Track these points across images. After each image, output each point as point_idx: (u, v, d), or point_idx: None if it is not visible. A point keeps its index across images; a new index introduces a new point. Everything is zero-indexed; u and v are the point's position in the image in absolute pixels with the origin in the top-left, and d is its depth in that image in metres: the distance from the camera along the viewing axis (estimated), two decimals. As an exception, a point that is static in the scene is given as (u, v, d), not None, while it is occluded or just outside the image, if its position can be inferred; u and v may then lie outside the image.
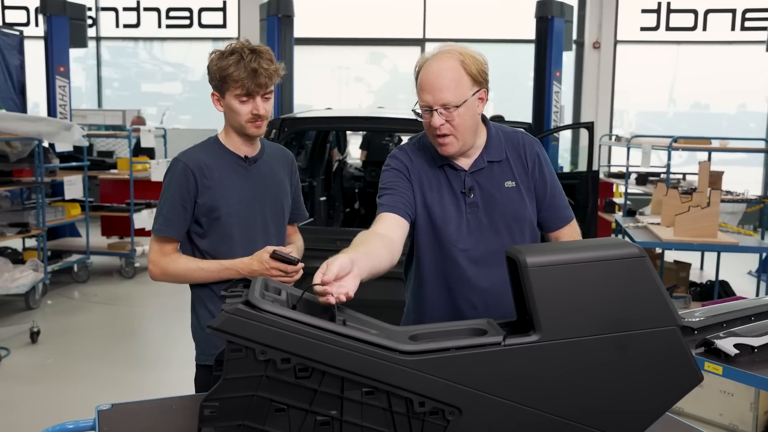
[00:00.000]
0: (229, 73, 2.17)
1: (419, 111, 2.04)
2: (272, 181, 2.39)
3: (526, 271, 1.48)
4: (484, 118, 2.17)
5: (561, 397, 1.49)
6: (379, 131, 7.35)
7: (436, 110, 1.98)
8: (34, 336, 5.39)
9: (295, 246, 2.51)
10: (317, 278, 1.51)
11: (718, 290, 5.94)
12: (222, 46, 2.29)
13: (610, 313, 1.50)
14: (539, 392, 1.49)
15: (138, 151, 8.53)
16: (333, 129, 5.94)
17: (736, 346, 2.17)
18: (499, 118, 8.43)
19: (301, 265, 2.19)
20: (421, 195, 2.12)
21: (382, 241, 1.92)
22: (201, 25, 12.40)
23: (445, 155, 2.08)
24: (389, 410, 1.46)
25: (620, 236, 6.45)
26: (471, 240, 2.10)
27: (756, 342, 2.22)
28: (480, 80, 2.02)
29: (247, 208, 2.32)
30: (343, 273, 1.54)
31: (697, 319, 2.42)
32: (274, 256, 2.15)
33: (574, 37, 11.42)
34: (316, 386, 1.43)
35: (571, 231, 2.23)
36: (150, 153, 8.79)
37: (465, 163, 2.12)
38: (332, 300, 1.47)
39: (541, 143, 2.28)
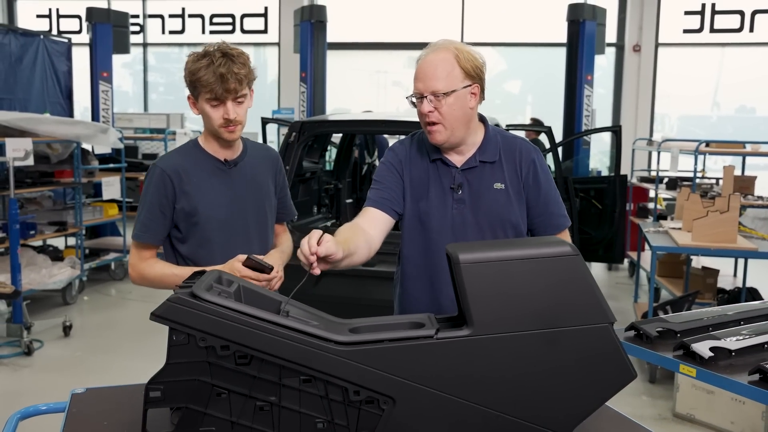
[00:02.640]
0: (199, 78, 2.15)
1: (413, 100, 2.13)
2: (253, 184, 2.38)
3: (458, 267, 1.54)
4: (483, 118, 2.24)
5: (493, 390, 1.54)
6: (399, 134, 7.43)
7: (426, 97, 2.08)
8: (67, 330, 5.64)
9: (279, 249, 2.50)
10: (305, 247, 1.72)
11: (746, 297, 5.83)
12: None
13: (542, 310, 1.54)
14: (471, 385, 1.54)
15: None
16: (351, 132, 6.04)
17: (712, 349, 2.18)
18: (537, 122, 8.40)
19: (276, 273, 2.17)
20: (410, 188, 2.20)
21: (364, 236, 2.06)
22: (243, 31, 12.68)
23: (433, 143, 2.16)
24: (326, 398, 1.53)
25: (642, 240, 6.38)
26: (454, 235, 2.16)
27: (734, 345, 2.22)
28: (473, 75, 2.09)
29: (227, 212, 2.31)
30: (328, 255, 1.76)
31: (681, 322, 2.45)
32: (248, 263, 2.12)
33: (614, 40, 11.31)
34: (255, 373, 1.51)
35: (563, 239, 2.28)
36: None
37: (458, 160, 2.19)
38: (317, 271, 1.74)
39: (570, 146, 2.34)
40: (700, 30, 11.49)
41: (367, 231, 2.09)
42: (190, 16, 12.89)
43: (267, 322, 1.49)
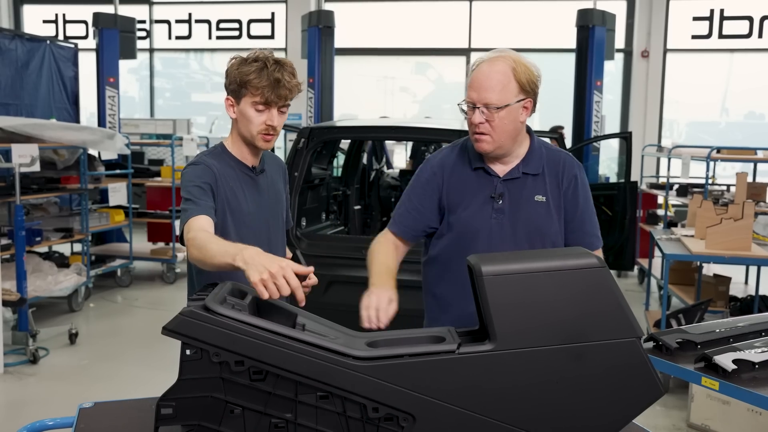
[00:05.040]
0: (250, 79, 2.12)
1: (464, 107, 2.15)
2: (273, 191, 2.37)
3: (481, 279, 1.49)
4: (529, 130, 2.24)
5: (516, 407, 1.49)
6: (406, 140, 7.41)
7: (478, 108, 2.08)
8: (72, 337, 5.59)
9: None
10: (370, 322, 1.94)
11: (759, 305, 5.75)
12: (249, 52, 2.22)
13: (567, 324, 1.49)
14: (494, 401, 1.49)
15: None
16: (361, 138, 5.99)
17: (735, 361, 2.12)
18: (556, 129, 8.33)
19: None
20: (447, 196, 2.23)
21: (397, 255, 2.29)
22: (250, 37, 12.64)
23: (479, 152, 2.17)
24: (344, 415, 1.48)
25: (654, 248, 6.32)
26: (490, 244, 2.16)
27: (757, 358, 2.16)
28: (527, 89, 2.10)
29: (256, 220, 2.28)
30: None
31: (701, 333, 2.39)
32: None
33: (622, 45, 11.24)
34: (270, 389, 1.46)
35: None
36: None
37: (500, 170, 2.20)
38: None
39: (580, 153, 2.36)
40: (709, 36, 11.42)
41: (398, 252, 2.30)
42: (197, 21, 12.86)
43: (283, 336, 1.45)
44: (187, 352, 1.45)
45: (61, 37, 12.86)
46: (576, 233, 2.21)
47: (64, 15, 13.33)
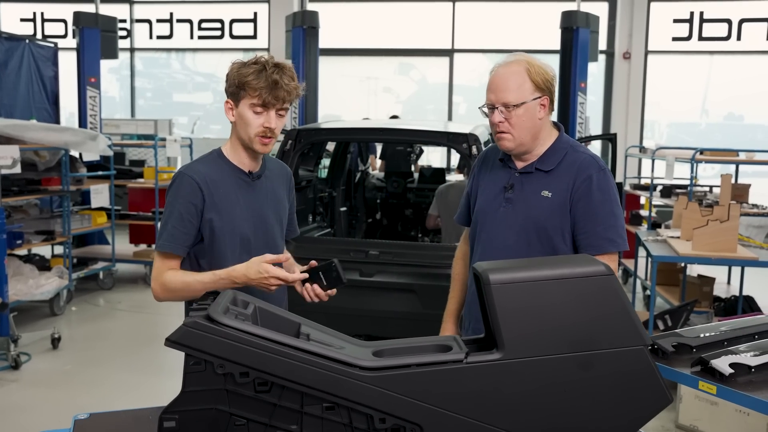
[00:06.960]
0: (248, 81, 2.13)
1: (485, 110, 2.28)
2: (273, 198, 2.35)
3: (489, 288, 1.48)
4: (559, 128, 2.36)
5: (524, 416, 1.48)
6: (394, 142, 7.39)
7: (497, 108, 2.22)
8: (55, 342, 5.50)
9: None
10: None
11: (743, 306, 5.81)
12: (251, 56, 2.24)
13: (575, 332, 1.48)
14: (502, 410, 1.47)
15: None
16: (349, 140, 5.97)
17: (732, 365, 2.12)
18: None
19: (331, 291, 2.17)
20: (476, 184, 2.45)
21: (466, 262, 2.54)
22: (232, 36, 12.56)
23: (502, 149, 2.32)
24: (350, 426, 1.46)
25: (639, 249, 6.35)
26: (498, 232, 2.31)
27: (753, 362, 2.17)
28: (543, 87, 2.22)
29: (252, 227, 2.27)
30: None
31: (697, 337, 2.39)
32: (314, 269, 2.16)
33: (604, 47, 11.31)
34: (275, 400, 1.44)
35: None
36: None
37: (519, 164, 2.33)
38: None
39: None
40: (689, 38, 11.53)
41: (467, 252, 2.51)
42: (179, 21, 12.74)
43: (288, 346, 1.42)
44: (191, 363, 1.42)
45: (39, 36, 12.67)
46: (584, 234, 2.22)
47: (42, 13, 13.14)
